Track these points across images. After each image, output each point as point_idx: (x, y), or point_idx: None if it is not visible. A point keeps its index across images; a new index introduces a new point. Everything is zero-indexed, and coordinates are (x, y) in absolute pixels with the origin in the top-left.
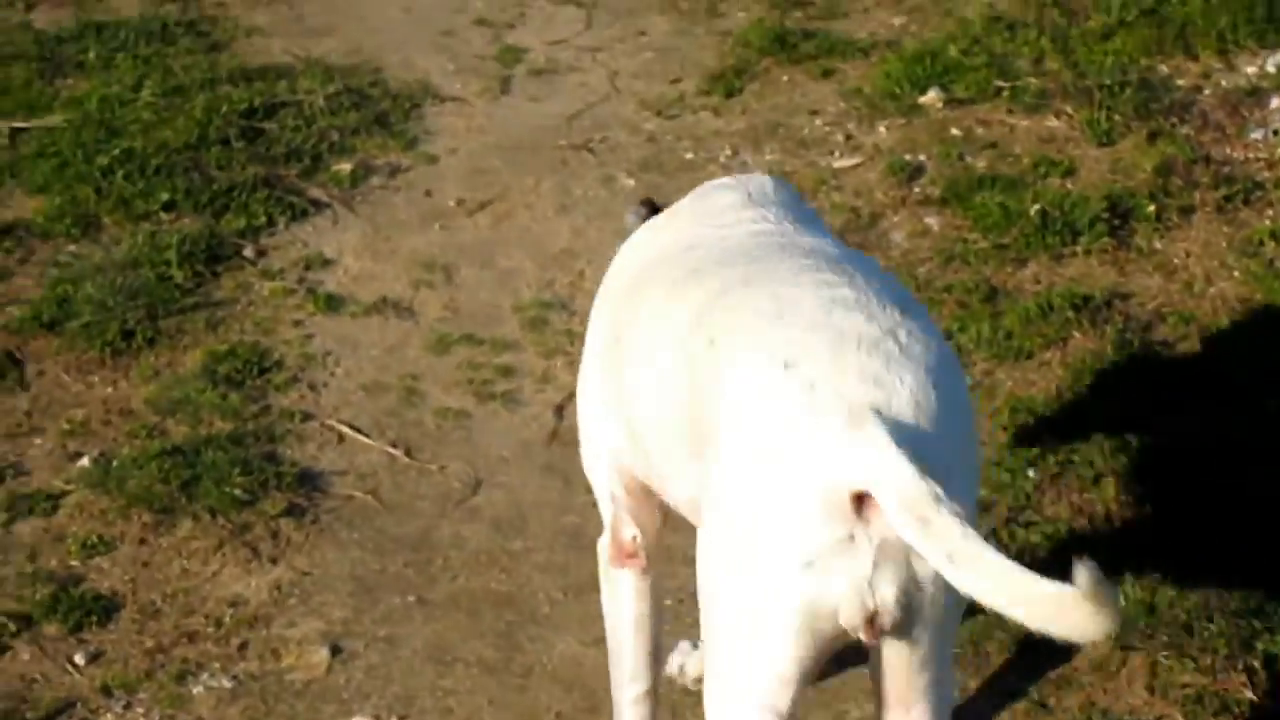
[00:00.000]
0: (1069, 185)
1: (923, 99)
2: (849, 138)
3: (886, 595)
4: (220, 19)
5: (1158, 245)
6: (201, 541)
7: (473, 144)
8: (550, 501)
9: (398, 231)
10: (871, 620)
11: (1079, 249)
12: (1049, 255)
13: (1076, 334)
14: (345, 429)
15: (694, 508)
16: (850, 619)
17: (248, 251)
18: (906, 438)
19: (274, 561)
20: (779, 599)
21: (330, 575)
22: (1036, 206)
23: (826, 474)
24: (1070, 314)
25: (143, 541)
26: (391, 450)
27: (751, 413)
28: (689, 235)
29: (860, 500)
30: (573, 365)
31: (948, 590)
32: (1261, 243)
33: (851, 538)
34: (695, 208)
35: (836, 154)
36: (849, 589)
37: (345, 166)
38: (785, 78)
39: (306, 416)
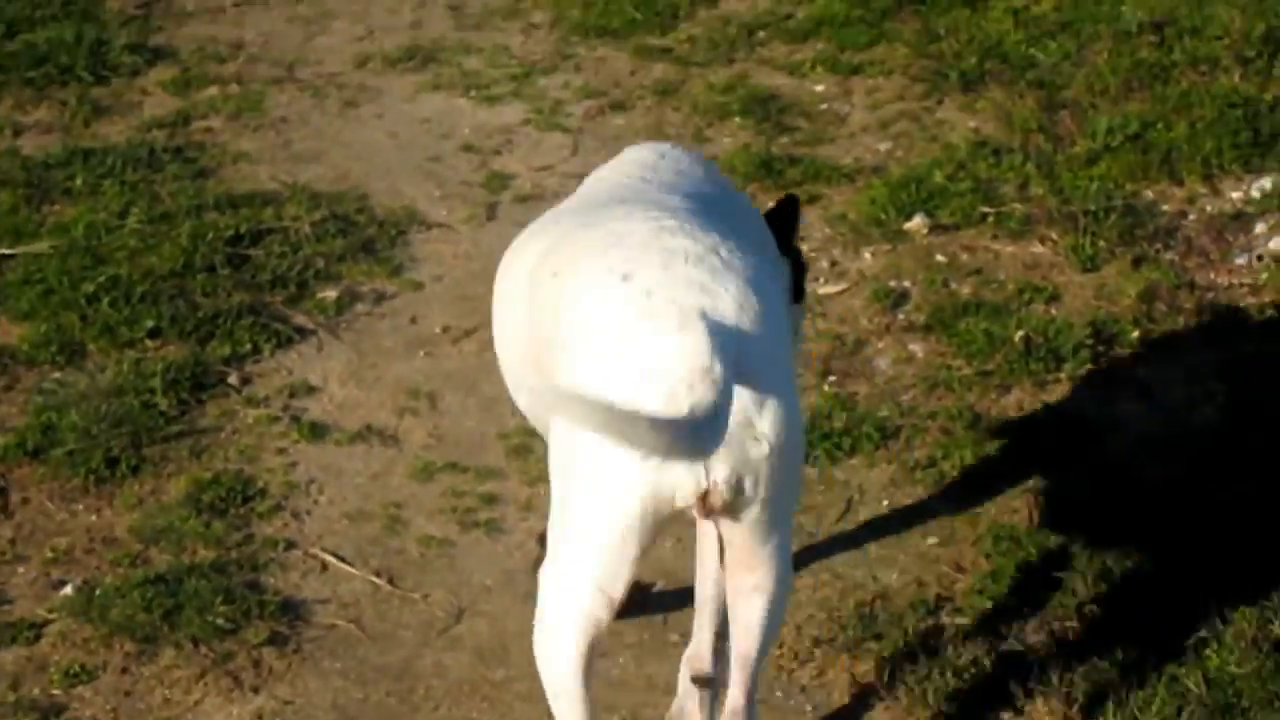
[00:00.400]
0: (1053, 311)
1: (908, 225)
2: (834, 264)
3: (718, 478)
4: (208, 145)
5: (1141, 371)
6: (184, 670)
7: (459, 271)
8: (533, 631)
9: (383, 359)
10: (704, 499)
11: (1063, 375)
12: (1033, 382)
13: (1060, 460)
14: (328, 557)
15: (534, 416)
16: (685, 499)
17: (232, 379)
18: (731, 335)
19: (256, 691)
20: (628, 488)
21: (312, 704)
22: (1020, 333)
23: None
24: (1054, 441)
25: (125, 670)
26: (375, 579)
27: (598, 321)
28: (578, 189)
29: None
30: None
31: (779, 468)
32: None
33: None
34: (603, 166)
35: (821, 280)
36: (687, 475)
37: (331, 294)
38: (771, 204)
39: (290, 545)
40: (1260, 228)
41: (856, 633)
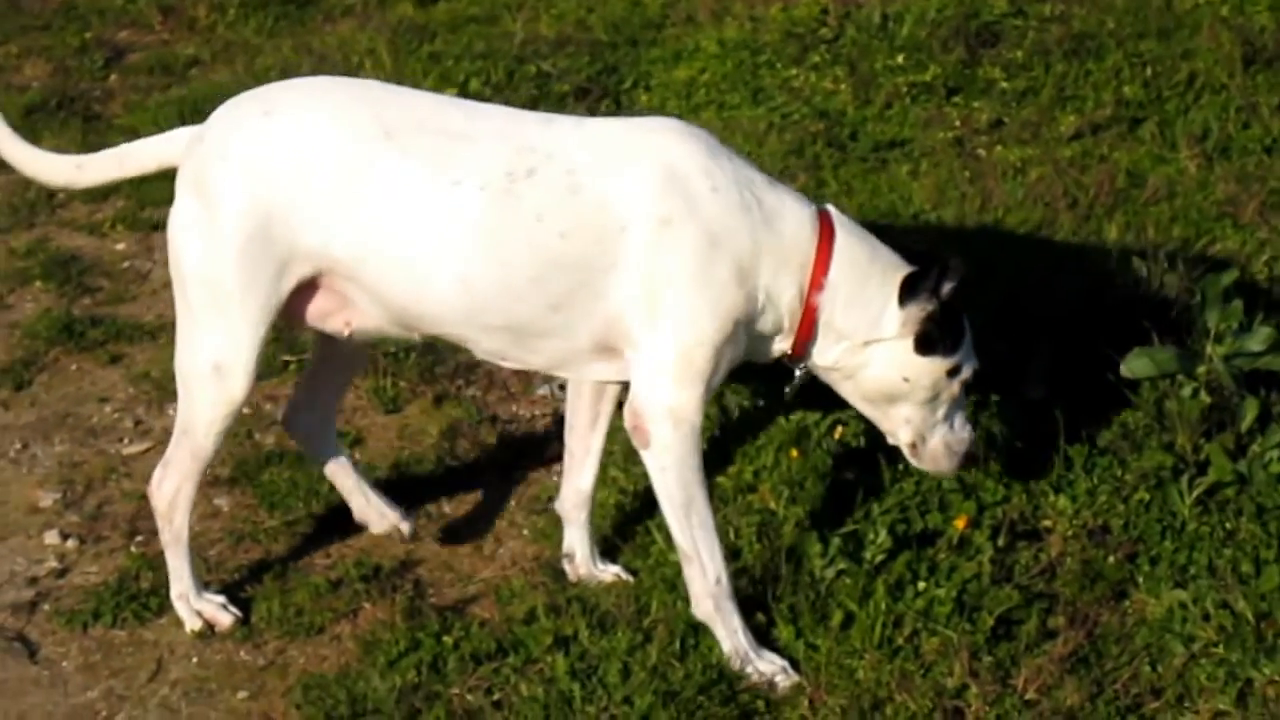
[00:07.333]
0: (358, 454)
1: None
2: (139, 423)
3: None
4: None
5: (446, 509)
6: None
7: None
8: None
9: None
10: None
11: None
12: (338, 528)
13: (367, 605)
14: None
15: None
16: None
17: None
18: None
19: None
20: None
21: None
22: (327, 481)
23: None
24: (360, 585)
25: None
26: None
27: None
28: None
29: None
30: None
31: None
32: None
33: None
34: None
35: (126, 440)
36: None
37: None
38: (74, 366)
39: None
40: None
41: None
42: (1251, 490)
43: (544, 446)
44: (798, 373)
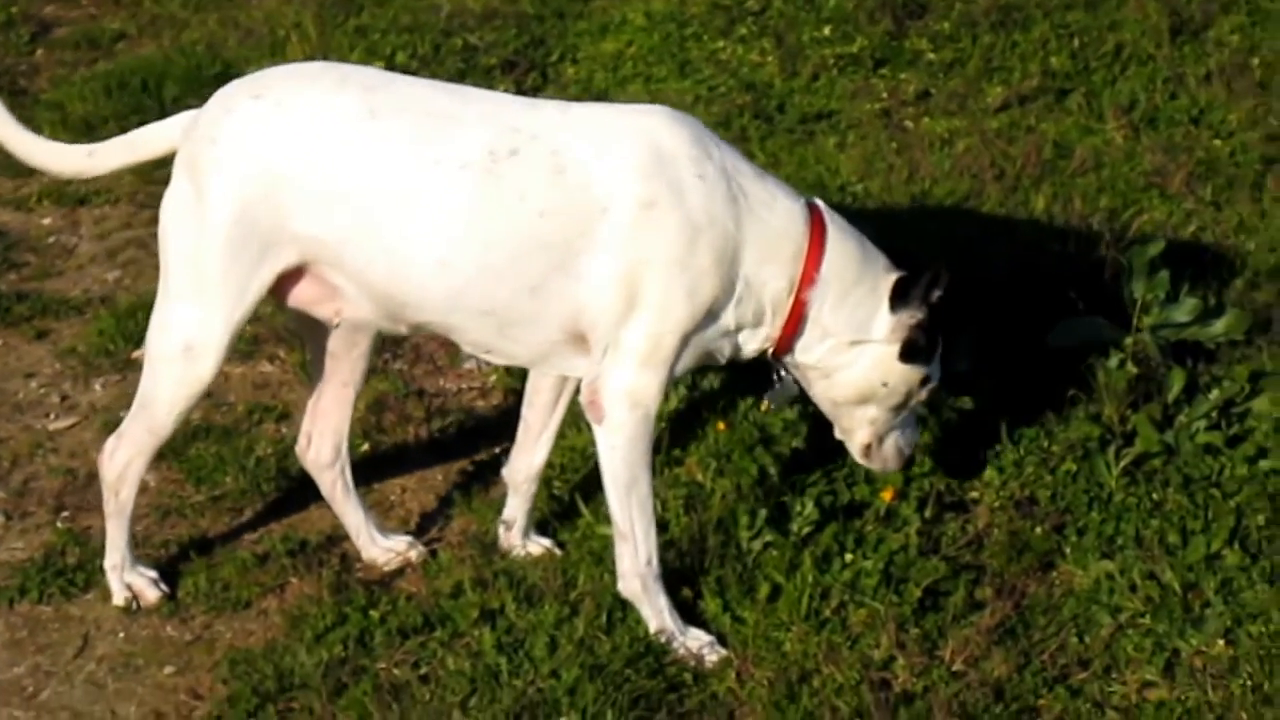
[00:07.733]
0: (284, 429)
1: (136, 354)
2: (65, 398)
3: None
4: None
5: (373, 484)
6: None
7: None
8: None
9: None
10: None
11: (295, 496)
12: (265, 503)
13: (294, 580)
14: None
15: None
16: None
17: None
18: None
19: None
20: None
21: None
22: (254, 455)
23: None
24: (287, 560)
25: None
26: None
27: None
28: None
29: None
30: None
31: None
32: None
33: None
34: None
35: (52, 416)
36: None
37: None
38: (0, 342)
39: None
40: None
41: None
42: (1178, 461)
43: (470, 420)
44: (781, 375)
